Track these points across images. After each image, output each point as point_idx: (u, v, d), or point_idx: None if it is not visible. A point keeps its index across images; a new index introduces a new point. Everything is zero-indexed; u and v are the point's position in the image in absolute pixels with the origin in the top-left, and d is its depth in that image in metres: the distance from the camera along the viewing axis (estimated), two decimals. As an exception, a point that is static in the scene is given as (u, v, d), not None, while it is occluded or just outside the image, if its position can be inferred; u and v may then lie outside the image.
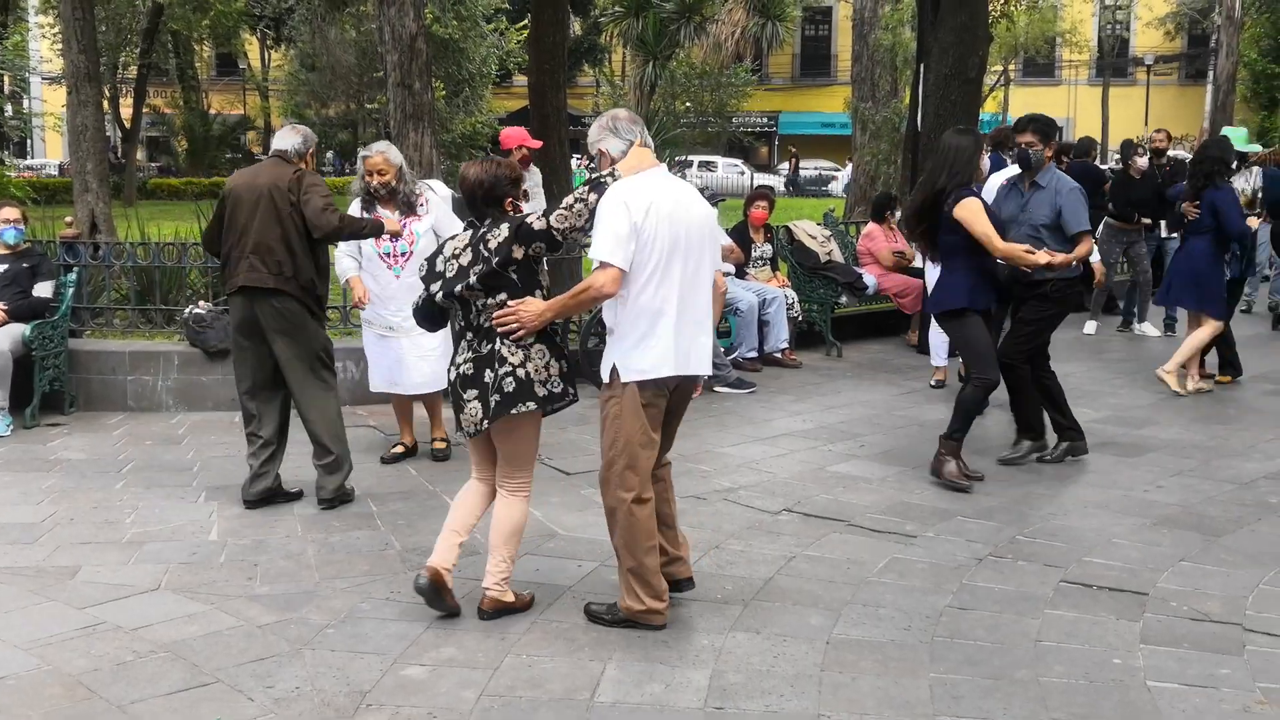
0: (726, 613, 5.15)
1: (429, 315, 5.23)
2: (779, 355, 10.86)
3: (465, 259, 4.96)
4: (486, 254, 4.89)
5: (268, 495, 6.70)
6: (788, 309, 10.98)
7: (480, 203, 5.04)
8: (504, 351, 4.91)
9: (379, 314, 7.56)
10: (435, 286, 5.06)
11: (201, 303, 9.39)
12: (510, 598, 5.12)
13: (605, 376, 4.94)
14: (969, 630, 4.98)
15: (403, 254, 7.43)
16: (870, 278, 11.77)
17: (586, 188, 4.87)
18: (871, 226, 12.30)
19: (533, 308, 4.88)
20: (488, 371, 4.93)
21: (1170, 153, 13.70)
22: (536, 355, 4.93)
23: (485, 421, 4.94)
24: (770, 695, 4.39)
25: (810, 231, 11.98)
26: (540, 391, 4.92)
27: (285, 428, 6.82)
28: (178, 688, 4.42)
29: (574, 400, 5.07)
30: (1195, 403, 9.41)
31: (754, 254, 11.30)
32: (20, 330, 8.40)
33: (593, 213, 4.83)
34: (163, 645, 4.78)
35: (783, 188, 42.46)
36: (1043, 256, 7.06)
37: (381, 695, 4.37)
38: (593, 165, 5.17)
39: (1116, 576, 5.59)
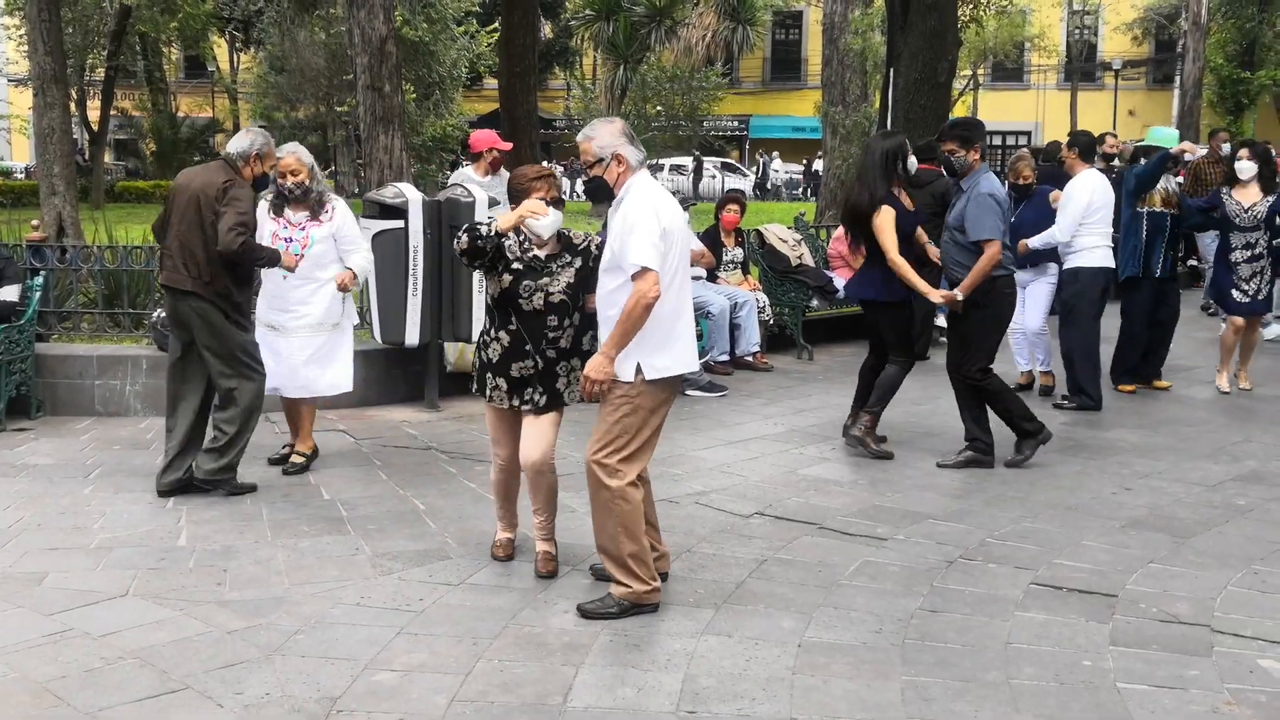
0: (698, 616, 5.15)
1: None
2: (750, 359, 10.88)
3: None
4: None
5: (180, 485, 6.87)
6: (759, 312, 11.01)
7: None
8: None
9: (268, 311, 7.49)
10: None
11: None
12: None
13: (624, 374, 5.00)
14: (940, 633, 5.00)
15: (296, 255, 7.27)
16: (841, 281, 11.80)
17: (463, 229, 5.31)
18: (842, 230, 12.32)
19: (598, 365, 4.98)
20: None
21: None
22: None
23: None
24: (742, 699, 4.39)
25: (781, 235, 12.00)
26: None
27: (201, 425, 6.96)
28: (146, 694, 4.39)
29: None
30: (1163, 406, 9.48)
31: (725, 257, 11.32)
32: (-14, 334, 8.33)
33: (464, 252, 5.23)
34: (131, 651, 4.75)
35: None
36: (935, 295, 7.58)
37: (352, 701, 4.34)
38: (579, 168, 5.25)
39: (1086, 579, 5.62)
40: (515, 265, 5.36)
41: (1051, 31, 43.81)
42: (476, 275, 8.29)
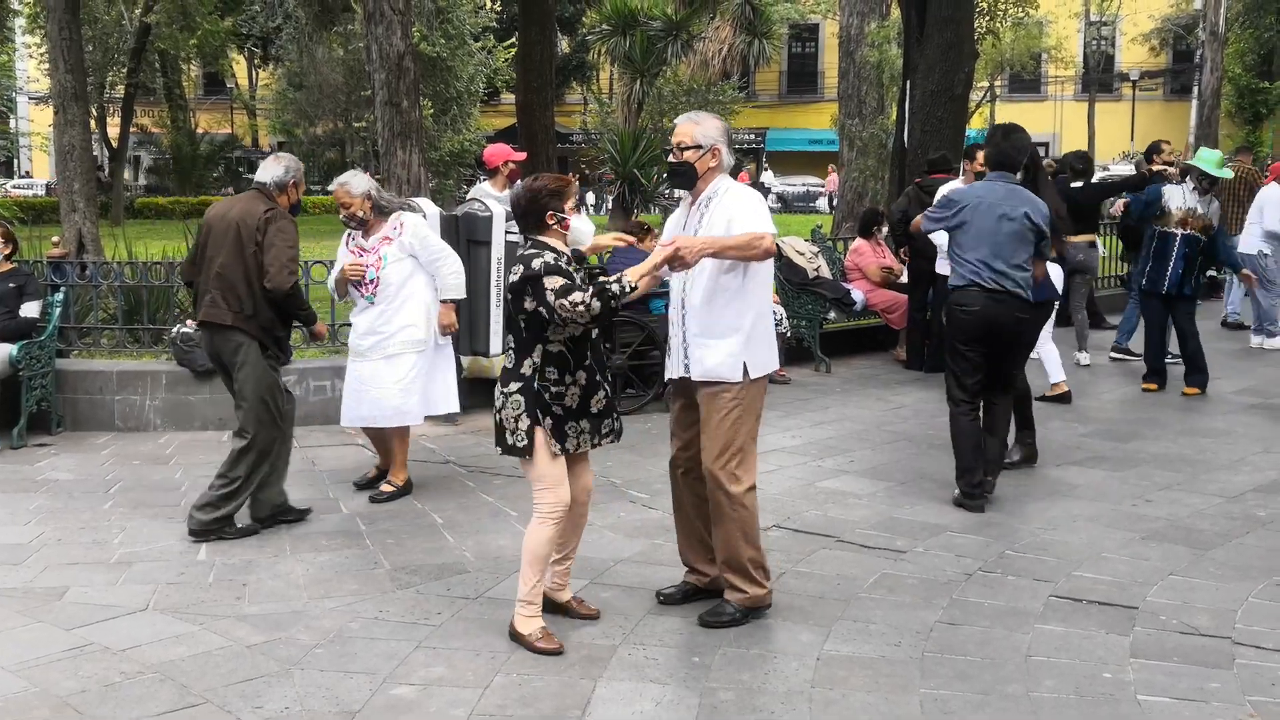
0: (716, 630, 5.14)
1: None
2: (768, 371, 10.86)
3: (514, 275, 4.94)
4: (511, 281, 4.92)
5: (274, 514, 6.68)
6: (776, 325, 10.98)
7: (520, 220, 5.04)
8: (501, 394, 4.98)
9: (354, 338, 7.36)
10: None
11: (189, 322, 9.37)
12: (527, 629, 4.93)
13: (733, 375, 5.06)
14: (959, 645, 4.98)
15: (370, 281, 7.18)
16: (858, 293, 11.81)
17: (591, 294, 4.72)
18: (859, 242, 12.33)
19: (695, 246, 4.89)
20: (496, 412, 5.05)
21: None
22: (511, 406, 4.92)
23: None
24: (761, 712, 4.38)
25: (798, 248, 12.00)
26: (508, 440, 4.97)
27: (286, 446, 6.79)
28: (166, 709, 4.40)
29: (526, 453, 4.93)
30: (1183, 417, 9.44)
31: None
32: (7, 350, 8.38)
33: (594, 317, 4.79)
34: (151, 666, 4.76)
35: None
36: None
37: (371, 714, 4.35)
38: (674, 153, 5.12)
39: (1106, 590, 5.59)
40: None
41: (1069, 42, 43.75)
42: (495, 289, 8.28)
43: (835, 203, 42.34)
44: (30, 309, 8.67)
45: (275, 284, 6.37)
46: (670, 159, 5.18)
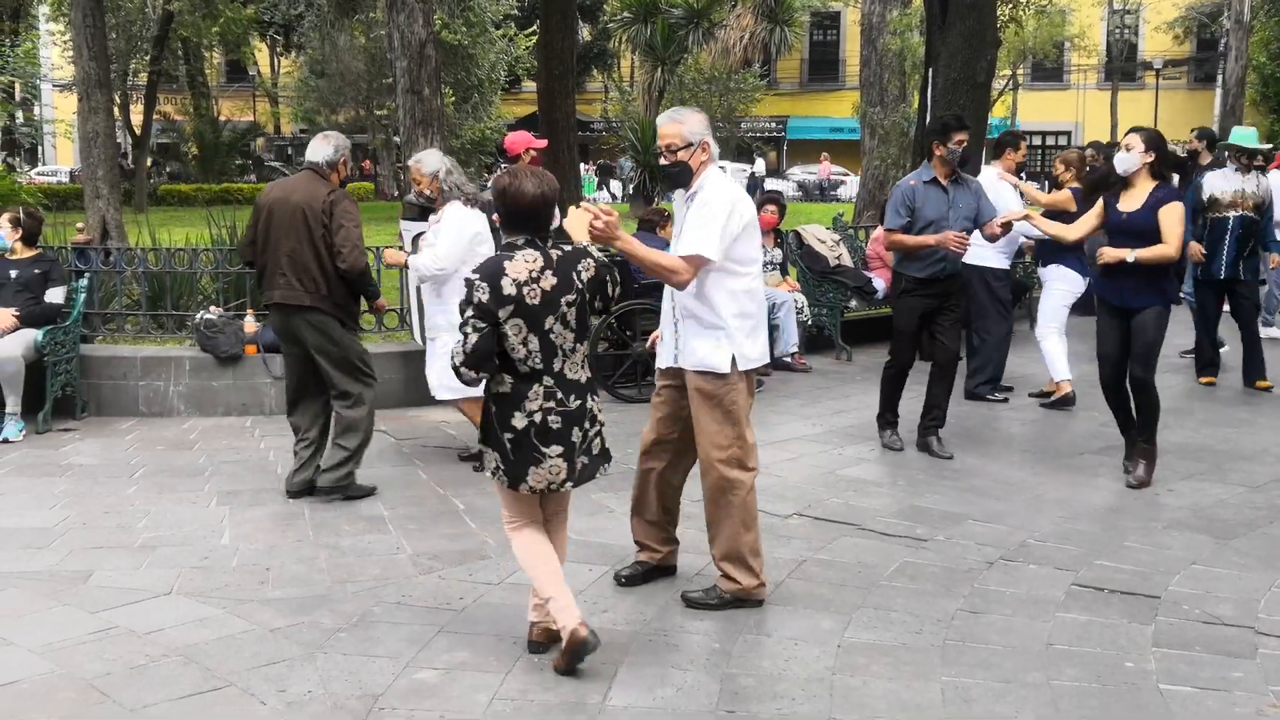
0: (737, 616, 5.15)
1: (489, 354, 4.43)
2: (788, 360, 10.86)
3: (549, 283, 4.41)
4: (580, 285, 4.48)
5: (308, 486, 6.91)
6: (797, 313, 10.99)
7: (538, 221, 4.51)
8: (595, 409, 4.63)
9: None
10: (504, 312, 4.36)
11: (213, 308, 9.43)
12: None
13: (720, 366, 5.07)
14: (981, 634, 4.98)
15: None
16: (880, 282, 11.76)
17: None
18: (881, 231, 12.28)
19: (623, 241, 4.80)
20: (576, 429, 4.54)
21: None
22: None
23: (569, 484, 4.57)
24: (782, 699, 4.39)
25: (820, 236, 11.98)
26: (613, 451, 4.80)
27: (328, 427, 7.03)
28: (190, 691, 4.43)
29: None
30: (1205, 406, 9.40)
31: (764, 258, 11.29)
32: (33, 336, 8.43)
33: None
34: (175, 649, 4.80)
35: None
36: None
37: (394, 699, 4.37)
38: (664, 155, 5.16)
39: (1128, 580, 5.58)
40: None
41: (1091, 31, 43.51)
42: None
43: (824, 189, 42.43)
44: (55, 295, 8.71)
45: (350, 264, 6.65)
46: (663, 162, 5.22)
